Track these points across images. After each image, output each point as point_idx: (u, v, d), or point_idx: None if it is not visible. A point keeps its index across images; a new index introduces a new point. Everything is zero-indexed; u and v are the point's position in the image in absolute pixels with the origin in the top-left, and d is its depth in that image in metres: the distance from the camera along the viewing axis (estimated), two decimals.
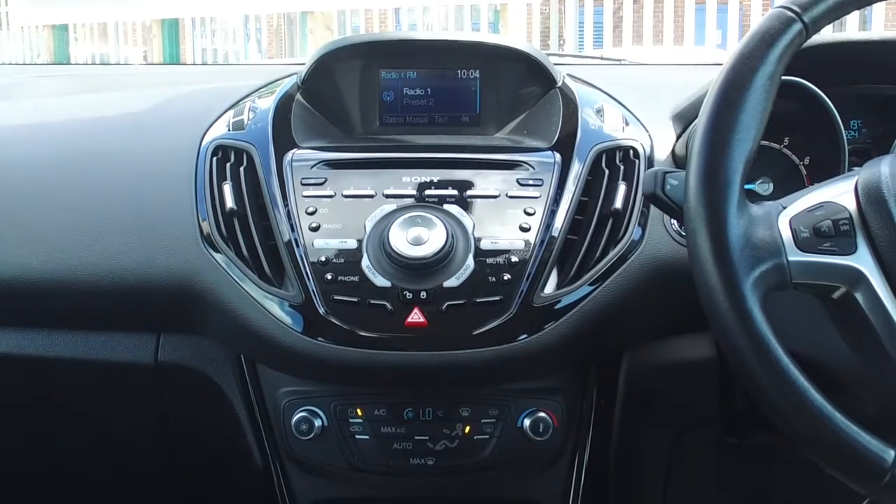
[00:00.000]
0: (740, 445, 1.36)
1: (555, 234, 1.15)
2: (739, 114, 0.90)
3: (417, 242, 1.11)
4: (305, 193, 1.18)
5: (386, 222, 1.14)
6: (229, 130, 1.27)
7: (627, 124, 1.29)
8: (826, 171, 1.15)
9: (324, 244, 1.14)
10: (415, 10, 8.74)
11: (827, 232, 0.90)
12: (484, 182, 1.20)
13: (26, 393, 1.38)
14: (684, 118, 1.29)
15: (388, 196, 1.18)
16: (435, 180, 1.19)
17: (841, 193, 0.93)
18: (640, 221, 1.19)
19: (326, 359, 1.14)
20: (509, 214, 1.17)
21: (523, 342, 1.13)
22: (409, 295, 1.11)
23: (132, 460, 1.47)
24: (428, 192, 1.18)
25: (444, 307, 1.11)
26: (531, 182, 1.19)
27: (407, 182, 1.19)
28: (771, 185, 1.26)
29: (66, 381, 1.34)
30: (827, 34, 1.14)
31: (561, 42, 8.87)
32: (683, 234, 1.15)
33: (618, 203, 1.18)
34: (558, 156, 1.22)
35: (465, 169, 1.22)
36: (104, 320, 1.28)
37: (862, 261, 0.89)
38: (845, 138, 1.22)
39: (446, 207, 1.17)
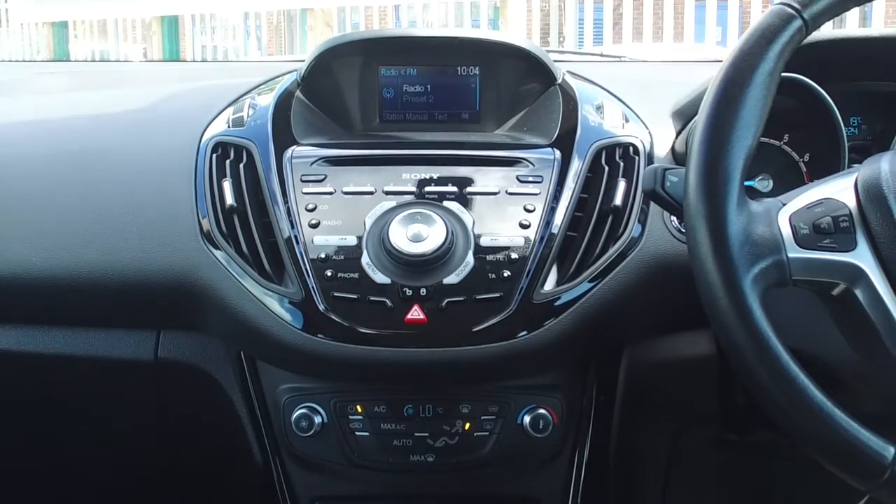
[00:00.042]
0: (740, 442, 1.36)
1: (554, 231, 1.15)
2: (739, 111, 0.90)
3: (417, 239, 1.11)
4: (305, 190, 1.18)
5: (386, 219, 1.14)
6: (229, 127, 1.27)
7: (627, 121, 1.29)
8: (826, 168, 1.15)
9: (324, 241, 1.14)
10: (414, 7, 8.73)
11: (827, 229, 0.90)
12: (484, 179, 1.20)
13: (26, 390, 1.38)
14: (684, 115, 1.29)
15: (388, 193, 1.18)
16: (435, 177, 1.19)
17: (841, 190, 0.93)
18: (640, 218, 1.19)
19: (326, 355, 1.14)
20: (509, 211, 1.16)
21: (523, 339, 1.13)
22: (409, 292, 1.11)
23: (132, 457, 1.47)
24: (428, 189, 1.18)
25: (444, 304, 1.11)
26: (531, 179, 1.19)
27: (407, 179, 1.19)
28: (771, 182, 1.26)
29: (66, 378, 1.34)
30: (827, 31, 1.14)
31: (561, 39, 8.86)
32: (683, 231, 1.15)
33: (618, 200, 1.18)
34: (558, 152, 1.22)
35: (465, 166, 1.22)
36: (104, 317, 1.28)
37: (862, 257, 0.89)
38: (845, 135, 1.22)
39: (446, 204, 1.17)
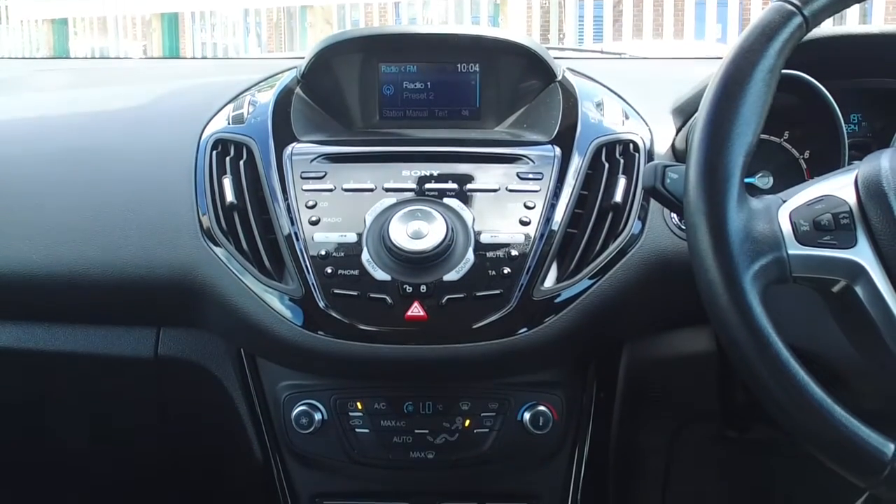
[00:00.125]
0: (740, 439, 1.36)
1: (555, 228, 1.15)
2: (739, 107, 0.90)
3: (417, 236, 1.11)
4: (305, 187, 1.18)
5: (386, 216, 1.14)
6: (229, 124, 1.27)
7: (627, 118, 1.28)
8: (826, 165, 1.15)
9: (324, 238, 1.14)
10: (414, 4, 8.74)
11: (827, 225, 0.90)
12: (484, 176, 1.20)
13: (26, 387, 1.38)
14: (684, 112, 1.29)
15: (388, 190, 1.18)
16: (435, 174, 1.19)
17: (841, 187, 0.93)
18: (640, 215, 1.19)
19: (326, 352, 1.14)
20: (509, 208, 1.16)
21: (523, 336, 1.13)
22: (409, 289, 1.11)
23: (132, 455, 1.47)
24: (428, 186, 1.18)
25: (444, 301, 1.11)
26: (531, 176, 1.19)
27: (407, 176, 1.19)
28: (771, 179, 1.26)
29: (66, 376, 1.34)
30: (827, 27, 1.14)
31: (561, 36, 8.86)
32: (683, 228, 1.15)
33: (618, 197, 1.18)
34: (558, 149, 1.22)
35: (465, 163, 1.22)
36: (104, 314, 1.28)
37: (862, 254, 0.89)
38: (845, 132, 1.22)
39: (446, 201, 1.17)
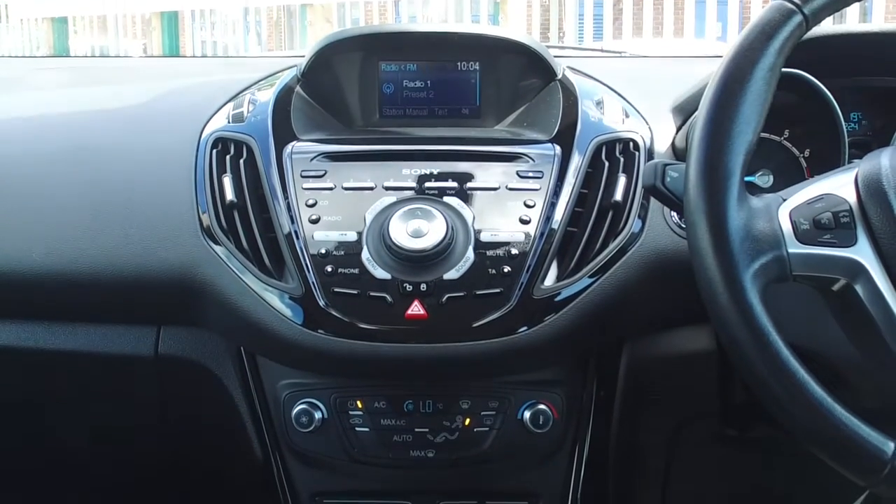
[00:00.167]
0: (740, 438, 1.36)
1: (555, 227, 1.15)
2: (739, 106, 0.90)
3: (417, 235, 1.11)
4: (305, 186, 1.18)
5: (386, 214, 1.14)
6: (229, 123, 1.27)
7: (627, 116, 1.28)
8: (826, 164, 1.15)
9: (324, 236, 1.14)
10: (414, 2, 8.74)
11: (827, 224, 0.90)
12: (484, 174, 1.20)
13: (26, 387, 1.38)
14: (684, 110, 1.29)
15: (388, 188, 1.18)
16: (435, 172, 1.19)
17: (841, 185, 0.93)
18: (640, 214, 1.19)
19: (326, 351, 1.14)
20: (509, 206, 1.16)
21: (523, 334, 1.13)
22: (409, 287, 1.11)
23: (132, 453, 1.47)
24: (428, 185, 1.18)
25: (444, 299, 1.11)
26: (531, 174, 1.19)
27: (407, 174, 1.19)
28: (771, 178, 1.26)
29: (67, 375, 1.34)
30: (827, 26, 1.14)
31: (561, 34, 8.86)
32: (683, 227, 1.15)
33: (618, 195, 1.18)
34: (558, 148, 1.22)
35: (465, 161, 1.22)
36: (104, 313, 1.28)
37: (862, 253, 0.89)
38: (845, 130, 1.22)
39: (446, 200, 1.17)
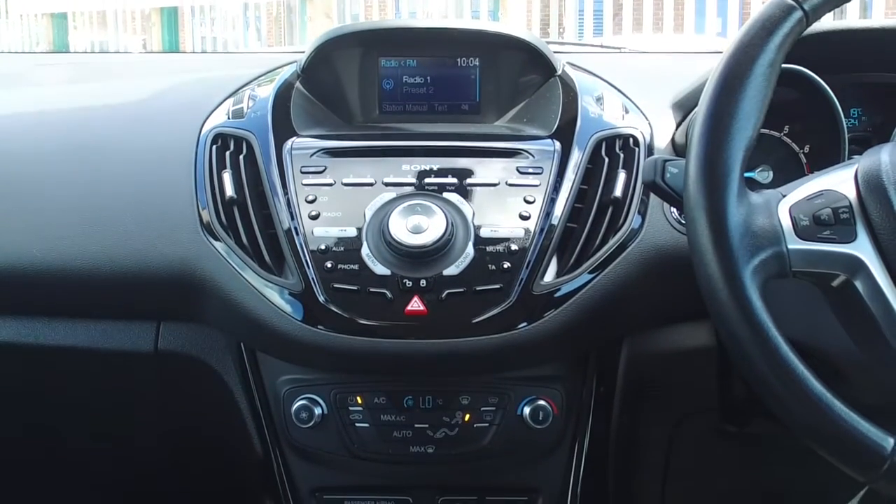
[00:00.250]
0: (740, 434, 1.36)
1: (554, 223, 1.15)
2: (739, 102, 0.90)
3: (417, 230, 1.11)
4: (305, 181, 1.18)
5: (386, 210, 1.14)
6: (229, 119, 1.27)
7: (627, 112, 1.28)
8: (826, 160, 1.15)
9: (323, 232, 1.14)
10: None
11: (827, 220, 0.90)
12: (484, 170, 1.20)
13: (26, 382, 1.38)
14: (684, 106, 1.29)
15: (388, 184, 1.18)
16: (435, 168, 1.19)
17: (841, 182, 0.93)
18: (640, 209, 1.19)
19: (326, 347, 1.14)
20: (509, 202, 1.16)
21: (523, 330, 1.13)
22: (409, 283, 1.11)
23: (132, 449, 1.47)
24: (428, 181, 1.18)
25: (444, 295, 1.11)
26: (531, 170, 1.19)
27: (407, 170, 1.19)
28: (771, 174, 1.25)
29: (66, 370, 1.34)
30: (827, 22, 1.14)
31: (561, 30, 8.87)
32: (683, 223, 1.15)
33: (617, 191, 1.18)
34: (558, 144, 1.22)
35: (465, 157, 1.22)
36: (104, 309, 1.28)
37: (861, 249, 0.89)
38: (845, 126, 1.22)
39: (446, 195, 1.17)
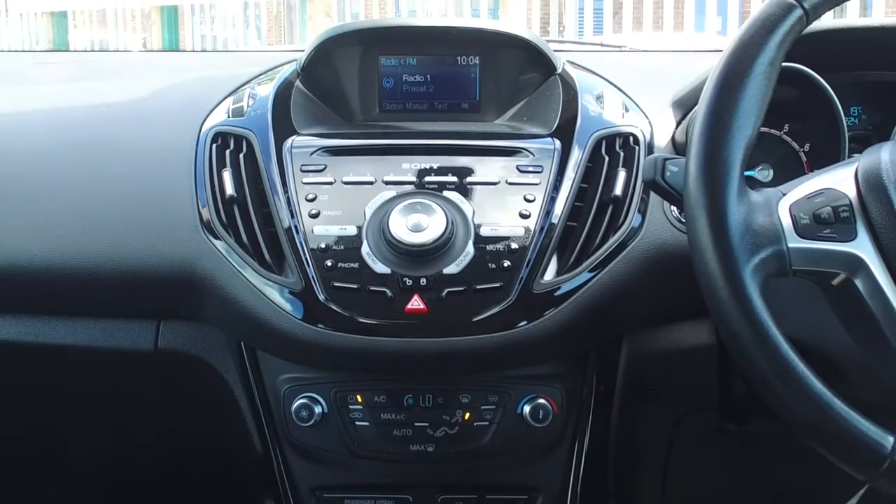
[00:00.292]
0: (740, 432, 1.36)
1: (555, 221, 1.15)
2: (739, 100, 0.90)
3: (417, 229, 1.11)
4: (305, 180, 1.18)
5: (386, 209, 1.14)
6: (229, 117, 1.27)
7: (627, 111, 1.28)
8: (826, 158, 1.15)
9: (324, 231, 1.14)
10: None
11: (827, 218, 0.90)
12: (484, 169, 1.20)
13: (26, 381, 1.38)
14: (684, 105, 1.29)
15: (388, 183, 1.18)
16: (435, 167, 1.19)
17: (841, 180, 0.93)
18: (640, 208, 1.19)
19: (326, 345, 1.14)
20: (509, 201, 1.16)
21: (523, 329, 1.13)
22: (409, 282, 1.11)
23: (132, 448, 1.47)
24: (428, 179, 1.18)
25: (444, 294, 1.11)
26: (531, 169, 1.19)
27: (407, 169, 1.19)
28: (771, 172, 1.26)
29: (67, 369, 1.34)
30: (827, 20, 1.14)
31: (561, 28, 8.86)
32: (683, 221, 1.15)
33: (618, 190, 1.18)
34: (558, 142, 1.22)
35: (465, 156, 1.22)
36: (104, 307, 1.28)
37: (862, 247, 0.89)
38: (845, 125, 1.22)
39: (446, 194, 1.17)
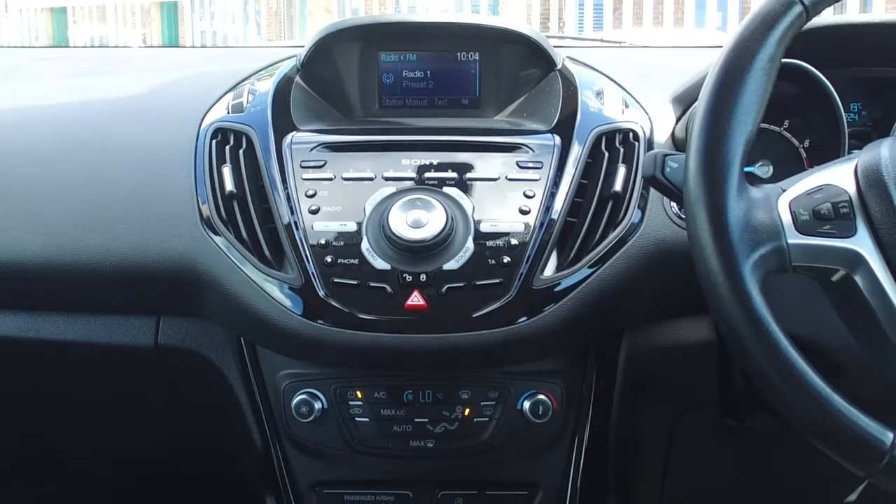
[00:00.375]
0: (739, 428, 1.36)
1: (554, 217, 1.15)
2: (739, 96, 0.90)
3: (417, 225, 1.11)
4: (305, 176, 1.18)
5: (385, 205, 1.14)
6: (229, 113, 1.27)
7: (627, 107, 1.28)
8: (826, 154, 1.15)
9: (323, 227, 1.14)
10: None
11: (826, 215, 0.90)
12: (484, 165, 1.20)
13: (26, 377, 1.38)
14: (684, 101, 1.29)
15: (388, 179, 1.18)
16: (434, 163, 1.19)
17: (841, 176, 0.93)
18: (640, 204, 1.19)
19: (326, 341, 1.14)
20: (509, 197, 1.16)
21: (523, 325, 1.13)
22: (409, 278, 1.11)
23: (132, 443, 1.47)
24: (427, 175, 1.18)
25: (444, 290, 1.11)
26: (531, 165, 1.19)
27: (406, 165, 1.19)
28: (771, 168, 1.26)
29: (67, 365, 1.34)
30: (827, 16, 1.14)
31: (561, 24, 8.86)
32: (683, 217, 1.15)
33: (617, 186, 1.18)
34: (558, 138, 1.22)
35: (465, 151, 1.21)
36: (104, 303, 1.28)
37: (861, 244, 0.89)
38: (845, 121, 1.22)
39: (446, 190, 1.17)
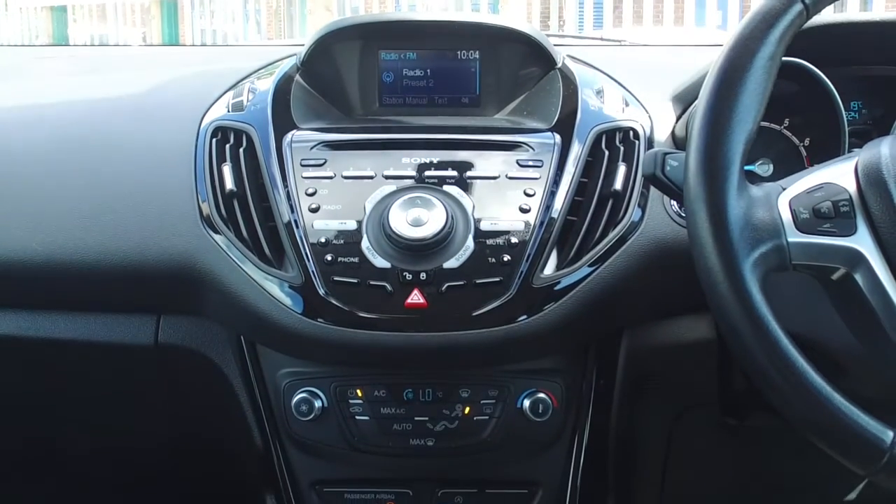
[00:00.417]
0: (739, 426, 1.36)
1: (554, 216, 1.15)
2: (739, 95, 0.90)
3: (417, 223, 1.11)
4: (305, 174, 1.18)
5: (386, 203, 1.14)
6: (228, 112, 1.27)
7: (627, 105, 1.28)
8: (826, 153, 1.15)
9: (323, 225, 1.14)
10: None
11: (827, 213, 0.90)
12: (484, 163, 1.20)
13: (27, 376, 1.38)
14: (684, 99, 1.29)
15: (388, 177, 1.18)
16: (435, 161, 1.19)
17: (841, 175, 0.93)
18: (640, 202, 1.19)
19: (326, 340, 1.14)
20: (509, 195, 1.16)
21: (523, 323, 1.13)
22: (409, 276, 1.11)
23: (132, 442, 1.47)
24: (428, 174, 1.18)
25: (444, 288, 1.11)
26: (531, 163, 1.19)
27: (407, 163, 1.19)
28: (771, 166, 1.26)
29: (67, 363, 1.34)
30: (827, 15, 1.13)
31: (561, 23, 8.86)
32: (683, 216, 1.15)
33: (618, 184, 1.18)
34: (558, 137, 1.22)
35: (465, 150, 1.22)
36: (104, 302, 1.28)
37: (861, 242, 0.89)
38: (845, 119, 1.22)
39: (446, 188, 1.17)
